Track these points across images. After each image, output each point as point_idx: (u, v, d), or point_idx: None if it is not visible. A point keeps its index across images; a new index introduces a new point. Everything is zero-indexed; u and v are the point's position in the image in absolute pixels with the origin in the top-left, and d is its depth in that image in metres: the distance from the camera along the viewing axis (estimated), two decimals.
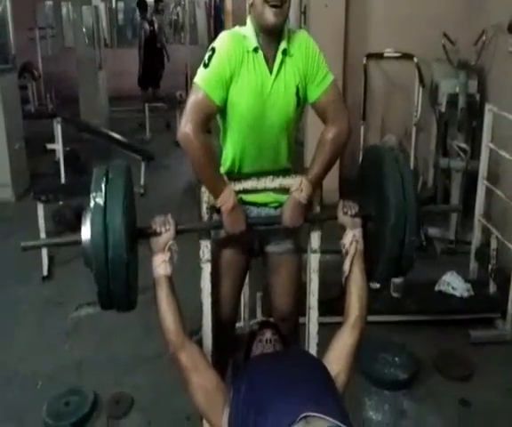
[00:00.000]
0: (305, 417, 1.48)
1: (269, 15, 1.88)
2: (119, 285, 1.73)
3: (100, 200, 1.71)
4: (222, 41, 2.00)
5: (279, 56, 1.98)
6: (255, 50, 1.96)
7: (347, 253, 2.02)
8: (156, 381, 3.04)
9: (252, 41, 1.96)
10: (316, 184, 2.08)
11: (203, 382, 1.74)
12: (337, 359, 1.83)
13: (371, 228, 2.08)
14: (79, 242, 1.75)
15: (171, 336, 1.81)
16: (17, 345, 3.52)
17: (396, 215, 1.89)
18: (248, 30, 1.99)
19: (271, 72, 1.99)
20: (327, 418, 1.50)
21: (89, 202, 1.73)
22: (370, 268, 2.04)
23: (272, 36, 1.97)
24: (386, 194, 1.92)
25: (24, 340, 3.57)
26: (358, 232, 2.02)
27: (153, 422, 2.82)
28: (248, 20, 2.02)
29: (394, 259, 1.96)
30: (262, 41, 1.97)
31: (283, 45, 1.98)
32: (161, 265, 1.89)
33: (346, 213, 2.03)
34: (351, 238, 2.01)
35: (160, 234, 1.91)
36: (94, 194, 1.73)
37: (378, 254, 2.00)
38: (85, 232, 1.73)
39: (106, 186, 1.74)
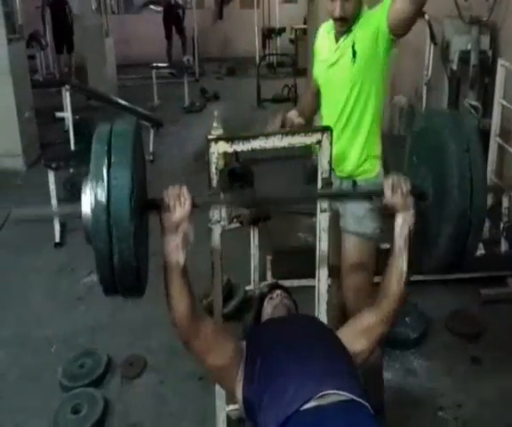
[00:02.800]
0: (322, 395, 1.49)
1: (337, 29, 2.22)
2: (125, 266, 1.45)
3: (103, 164, 1.43)
4: None
5: (345, 34, 2.21)
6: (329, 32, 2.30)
7: (395, 241, 1.71)
8: (168, 343, 3.07)
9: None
10: None
11: (217, 360, 1.70)
12: (357, 339, 1.76)
13: (423, 208, 1.71)
14: (78, 215, 1.49)
15: (182, 327, 1.66)
16: (31, 310, 3.57)
17: (462, 198, 1.54)
18: None
19: (335, 49, 2.24)
20: (343, 393, 1.51)
21: (90, 166, 1.45)
22: (418, 256, 1.75)
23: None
24: (449, 172, 1.57)
25: (38, 305, 3.62)
26: (411, 216, 1.67)
27: (165, 382, 2.87)
28: None
29: (455, 251, 1.63)
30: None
31: (352, 28, 2.19)
32: (173, 250, 1.61)
33: (395, 192, 1.66)
34: (402, 225, 1.68)
35: (174, 209, 1.62)
36: (96, 156, 1.45)
37: (434, 243, 1.67)
38: (85, 202, 1.46)
39: (109, 147, 1.46)
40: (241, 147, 2.08)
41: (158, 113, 7.88)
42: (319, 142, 2.13)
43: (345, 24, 2.17)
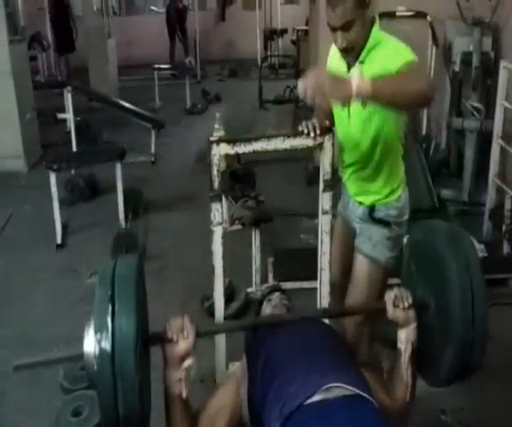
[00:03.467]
0: (327, 388, 1.50)
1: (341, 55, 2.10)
2: (130, 415, 1.44)
3: (107, 312, 1.41)
4: None
5: (356, 64, 2.07)
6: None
7: (400, 355, 1.74)
8: None
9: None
10: (375, 90, 1.70)
11: (223, 422, 1.73)
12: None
13: (425, 318, 1.74)
14: (81, 357, 1.47)
15: None
16: (34, 311, 3.57)
17: (464, 309, 1.57)
18: None
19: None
20: (347, 387, 1.52)
21: (94, 307, 1.44)
22: (421, 365, 1.78)
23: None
24: (449, 284, 1.61)
25: (40, 306, 3.62)
26: (413, 329, 1.71)
27: None
28: None
29: (459, 367, 1.66)
30: None
31: (360, 58, 2.06)
32: (176, 384, 1.62)
33: (397, 307, 1.71)
34: (405, 340, 1.71)
35: (177, 342, 1.60)
36: (99, 303, 1.43)
37: (438, 358, 1.69)
38: (88, 346, 1.44)
39: (112, 294, 1.44)
40: (243, 149, 2.08)
41: (160, 114, 7.88)
42: (321, 144, 2.13)
43: (350, 53, 2.06)
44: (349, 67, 2.11)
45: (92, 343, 1.41)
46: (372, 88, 1.68)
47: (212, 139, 2.08)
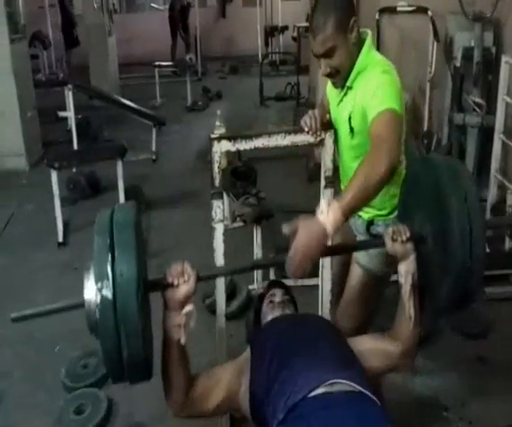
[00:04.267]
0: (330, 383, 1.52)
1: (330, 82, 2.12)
2: (133, 359, 1.42)
3: (107, 260, 1.39)
4: None
5: (344, 90, 2.07)
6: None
7: (402, 288, 1.76)
8: None
9: None
10: (347, 213, 1.67)
11: (218, 398, 1.73)
12: (370, 357, 1.77)
13: (423, 251, 1.75)
14: (82, 305, 1.46)
15: (176, 402, 1.69)
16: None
17: (461, 236, 1.57)
18: None
19: (338, 102, 2.12)
20: (350, 383, 1.53)
21: (92, 255, 1.42)
22: (422, 298, 1.79)
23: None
24: (447, 215, 1.60)
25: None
26: (412, 262, 1.73)
27: None
28: None
29: (457, 296, 1.66)
30: None
31: (348, 82, 2.04)
32: (176, 329, 1.60)
33: (396, 240, 1.72)
34: (405, 272, 1.74)
35: (177, 286, 1.57)
36: (98, 251, 1.41)
37: (436, 288, 1.71)
38: (88, 293, 1.43)
39: (111, 241, 1.42)
40: (243, 145, 2.08)
41: (161, 112, 7.89)
42: (322, 141, 2.13)
43: (336, 79, 2.04)
44: (342, 89, 2.08)
45: (92, 291, 1.40)
46: (343, 211, 1.64)
47: (212, 136, 2.08)
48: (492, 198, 3.97)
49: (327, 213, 1.62)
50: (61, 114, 6.37)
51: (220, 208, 2.11)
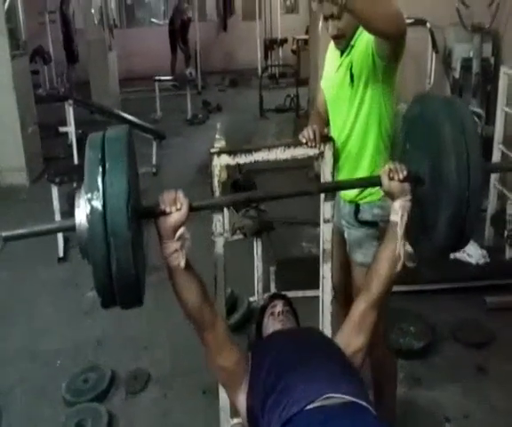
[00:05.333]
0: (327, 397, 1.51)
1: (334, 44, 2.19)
2: (124, 276, 1.40)
3: (98, 171, 1.38)
4: None
5: (346, 51, 2.14)
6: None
7: (394, 225, 1.72)
8: (172, 357, 3.07)
9: None
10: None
11: (225, 363, 1.75)
12: (353, 337, 1.79)
13: (420, 194, 1.72)
14: (73, 228, 1.45)
15: (197, 317, 1.68)
16: (37, 325, 3.57)
17: (459, 180, 1.53)
18: None
19: (337, 67, 2.19)
20: (347, 397, 1.52)
21: (83, 177, 1.40)
22: (413, 241, 1.77)
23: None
24: (445, 154, 1.56)
25: (43, 319, 3.62)
26: (408, 201, 1.70)
27: (169, 395, 2.86)
28: None
29: (454, 233, 1.62)
30: None
31: (352, 41, 2.12)
32: (173, 255, 1.61)
33: (392, 179, 1.69)
34: (400, 210, 1.70)
35: (170, 214, 1.58)
36: (89, 164, 1.40)
37: (433, 227, 1.65)
38: (80, 214, 1.42)
39: (103, 153, 1.41)
40: (243, 159, 2.09)
41: (161, 125, 7.91)
42: (321, 154, 2.13)
43: (341, 42, 2.12)
44: (342, 54, 2.16)
45: (83, 209, 1.39)
46: None
47: (212, 150, 2.09)
48: (491, 208, 3.98)
49: None
50: (62, 129, 6.40)
51: (220, 222, 2.11)
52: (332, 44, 2.27)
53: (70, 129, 6.07)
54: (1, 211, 5.37)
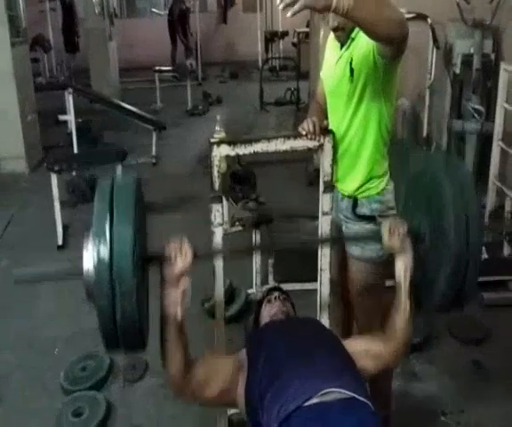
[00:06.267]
0: (325, 393, 1.52)
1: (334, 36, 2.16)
2: (128, 322, 1.44)
3: (105, 220, 1.43)
4: None
5: (346, 44, 2.12)
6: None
7: (399, 284, 1.77)
8: None
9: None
10: (357, 5, 1.65)
11: (215, 387, 1.73)
12: (364, 358, 1.77)
13: (421, 250, 1.76)
14: (80, 272, 1.48)
15: (175, 379, 1.69)
16: (35, 312, 3.58)
17: (458, 241, 1.56)
18: None
19: (337, 59, 2.16)
20: (345, 391, 1.53)
21: (92, 224, 1.45)
22: (416, 295, 1.79)
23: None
24: (445, 213, 1.61)
25: (42, 307, 3.63)
26: (409, 258, 1.74)
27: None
28: None
29: (454, 291, 1.65)
30: None
31: (353, 34, 2.09)
32: (172, 304, 1.64)
33: (393, 235, 1.74)
34: (402, 268, 1.75)
35: (175, 262, 1.62)
36: (98, 213, 1.45)
37: (433, 284, 1.70)
38: (87, 260, 1.46)
39: (111, 203, 1.46)
40: (243, 150, 2.09)
41: (161, 116, 7.90)
42: (321, 146, 2.14)
43: (341, 34, 2.10)
44: (342, 46, 2.14)
45: (90, 256, 1.43)
46: (354, 2, 1.64)
47: (212, 140, 2.09)
48: (490, 205, 3.99)
49: None
50: (62, 117, 6.39)
51: (219, 212, 2.12)
52: (332, 35, 2.24)
53: (70, 117, 6.06)
54: (0, 199, 5.38)
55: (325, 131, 2.14)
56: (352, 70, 2.07)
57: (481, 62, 4.48)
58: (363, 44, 2.03)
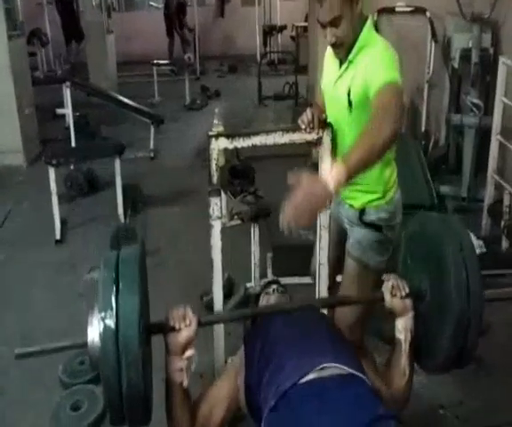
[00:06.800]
0: (322, 368, 1.53)
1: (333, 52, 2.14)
2: (133, 392, 1.44)
3: (111, 293, 1.44)
4: None
5: (345, 64, 2.10)
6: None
7: (399, 345, 1.78)
8: None
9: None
10: (351, 173, 1.68)
11: (222, 410, 1.76)
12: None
13: (421, 308, 1.77)
14: (85, 345, 1.51)
15: None
16: (33, 306, 3.57)
17: (459, 291, 1.59)
18: None
19: (337, 78, 2.14)
20: (341, 366, 1.55)
21: (97, 298, 1.46)
22: (418, 353, 1.80)
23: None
24: (446, 274, 1.63)
25: (39, 301, 3.62)
26: (410, 318, 1.75)
27: None
28: None
29: (455, 351, 1.66)
30: None
31: (350, 56, 2.08)
32: (177, 372, 1.63)
33: (395, 296, 1.74)
34: (403, 328, 1.75)
35: (179, 330, 1.62)
36: (103, 286, 1.46)
37: (434, 344, 1.71)
38: (92, 332, 1.48)
39: (117, 275, 1.48)
40: (241, 143, 2.09)
41: (159, 110, 7.87)
42: (319, 139, 2.13)
43: (340, 50, 2.08)
44: (341, 64, 2.12)
45: (95, 329, 1.44)
46: (347, 171, 1.66)
47: (210, 133, 2.09)
48: (489, 199, 3.99)
49: (331, 171, 1.65)
50: (59, 111, 6.37)
51: (217, 205, 2.12)
52: (329, 50, 2.22)
53: (67, 111, 6.03)
54: None
55: (324, 124, 2.14)
56: (350, 102, 2.06)
57: (479, 56, 4.47)
58: (359, 76, 2.01)
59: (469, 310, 1.58)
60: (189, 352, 1.62)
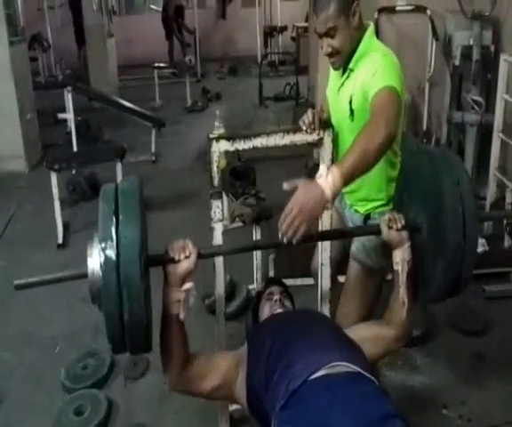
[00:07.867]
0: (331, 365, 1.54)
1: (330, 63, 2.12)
2: (135, 324, 1.44)
3: (111, 223, 1.42)
4: None
5: (346, 73, 2.11)
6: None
7: (397, 275, 1.79)
8: None
9: None
10: (346, 178, 1.67)
11: (213, 382, 1.76)
12: (362, 343, 1.78)
13: (418, 241, 1.78)
14: (85, 275, 1.49)
15: (173, 376, 1.72)
16: (36, 310, 3.57)
17: (455, 229, 1.60)
18: None
19: (339, 87, 2.15)
20: (349, 364, 1.55)
21: (97, 229, 1.45)
22: (416, 285, 1.82)
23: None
24: (440, 199, 1.64)
25: (42, 305, 3.62)
26: (407, 249, 1.77)
27: None
28: None
29: (450, 280, 1.68)
30: None
31: (351, 64, 2.08)
32: (175, 304, 1.63)
33: (391, 228, 1.76)
34: (400, 259, 1.77)
35: (178, 262, 1.61)
36: (103, 216, 1.45)
37: (430, 274, 1.73)
38: (92, 263, 1.46)
39: (117, 206, 1.46)
40: (242, 145, 2.08)
41: (160, 113, 7.88)
42: (320, 140, 2.13)
43: (335, 59, 2.07)
44: (344, 72, 2.12)
45: (96, 259, 1.43)
46: (343, 177, 1.65)
47: (211, 136, 2.09)
48: (491, 196, 3.98)
49: (326, 177, 1.64)
50: (61, 116, 6.37)
51: (218, 208, 2.12)
52: None
53: (69, 116, 6.04)
54: (0, 197, 5.37)
55: (325, 124, 2.13)
56: (352, 110, 2.06)
57: (480, 54, 4.46)
58: (359, 83, 2.01)
59: (465, 241, 1.60)
60: (188, 284, 1.62)
